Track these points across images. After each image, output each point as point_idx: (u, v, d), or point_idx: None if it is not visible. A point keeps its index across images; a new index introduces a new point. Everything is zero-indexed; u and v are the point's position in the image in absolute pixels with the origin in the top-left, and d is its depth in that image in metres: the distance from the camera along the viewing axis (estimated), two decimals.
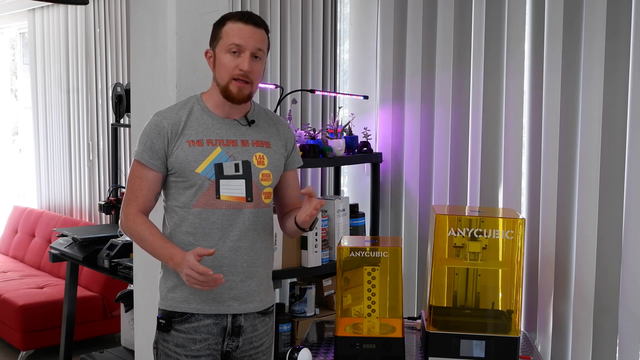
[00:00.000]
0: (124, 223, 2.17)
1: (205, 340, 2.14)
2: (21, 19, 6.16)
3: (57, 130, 5.75)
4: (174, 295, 2.15)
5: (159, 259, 2.14)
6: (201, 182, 2.10)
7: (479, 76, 3.09)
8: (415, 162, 3.40)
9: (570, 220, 2.78)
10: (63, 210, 5.76)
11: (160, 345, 2.18)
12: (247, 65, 2.06)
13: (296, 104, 3.61)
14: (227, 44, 2.08)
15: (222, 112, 2.16)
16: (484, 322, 2.53)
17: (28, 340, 4.41)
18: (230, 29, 2.08)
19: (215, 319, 2.15)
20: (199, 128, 2.13)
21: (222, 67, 2.09)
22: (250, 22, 2.09)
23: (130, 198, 2.15)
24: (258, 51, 2.09)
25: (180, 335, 2.14)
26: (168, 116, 2.14)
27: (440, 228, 2.51)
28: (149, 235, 2.10)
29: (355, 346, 2.44)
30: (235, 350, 2.19)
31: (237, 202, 2.12)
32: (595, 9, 2.64)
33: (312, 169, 3.76)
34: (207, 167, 2.10)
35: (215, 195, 2.10)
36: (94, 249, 3.67)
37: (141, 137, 2.14)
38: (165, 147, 2.10)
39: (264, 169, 2.16)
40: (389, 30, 3.50)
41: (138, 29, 2.72)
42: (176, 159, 2.10)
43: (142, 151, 2.12)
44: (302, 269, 3.10)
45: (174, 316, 2.15)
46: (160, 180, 2.14)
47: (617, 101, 2.62)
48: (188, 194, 2.11)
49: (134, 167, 2.15)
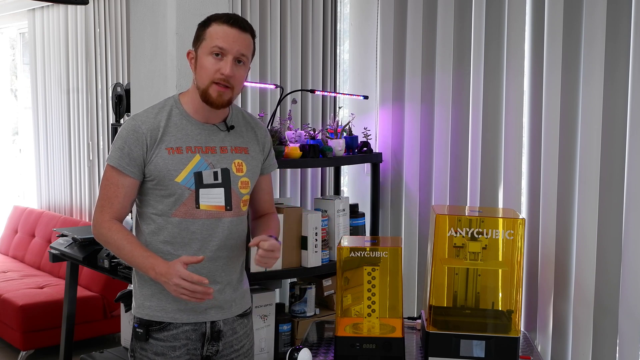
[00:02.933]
0: (97, 230, 2.07)
1: (184, 346, 2.10)
2: (21, 19, 6.16)
3: (57, 130, 5.75)
4: (150, 304, 2.10)
5: (137, 268, 2.08)
6: (181, 191, 2.04)
7: (479, 76, 3.09)
8: (415, 162, 3.40)
9: (570, 220, 2.78)
10: (63, 210, 5.76)
11: (138, 354, 2.12)
12: (229, 70, 1.99)
13: (296, 104, 3.61)
14: (210, 46, 2.00)
15: (201, 117, 2.09)
16: (484, 322, 2.53)
17: (28, 340, 4.41)
18: (215, 31, 2.00)
19: (193, 325, 2.11)
20: (178, 134, 2.05)
21: (203, 69, 2.02)
22: (235, 26, 2.01)
23: (105, 205, 2.06)
24: (242, 56, 2.02)
25: (159, 343, 2.09)
26: (146, 121, 2.05)
27: (440, 228, 2.51)
28: (127, 244, 2.03)
29: (355, 346, 2.45)
30: (216, 354, 2.16)
31: (216, 211, 2.08)
32: (595, 9, 2.64)
33: (312, 169, 3.76)
34: (187, 176, 2.04)
35: (195, 204, 2.05)
36: (94, 249, 3.67)
37: (116, 141, 2.05)
38: (143, 154, 2.02)
39: (243, 176, 2.12)
40: (389, 30, 3.50)
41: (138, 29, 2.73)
42: (155, 167, 2.03)
43: (119, 157, 2.03)
44: (302, 269, 3.10)
45: (152, 325, 2.10)
46: (137, 186, 2.07)
47: (617, 101, 2.62)
48: (167, 203, 2.05)
49: (108, 173, 2.06)
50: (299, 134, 3.21)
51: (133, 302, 2.16)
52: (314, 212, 3.12)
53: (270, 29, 3.66)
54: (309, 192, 3.80)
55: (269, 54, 3.66)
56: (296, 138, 3.18)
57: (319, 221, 3.09)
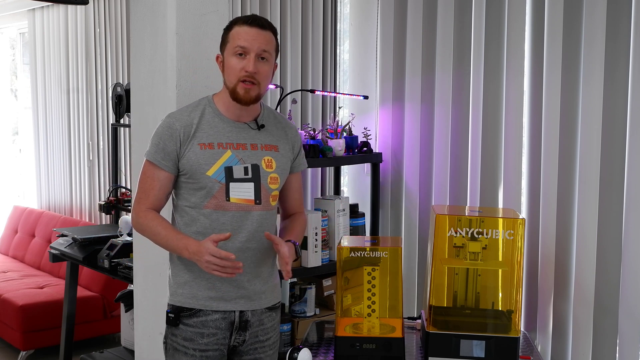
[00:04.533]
0: (135, 220, 2.21)
1: (213, 335, 2.17)
2: (21, 19, 6.16)
3: (57, 130, 5.75)
4: (182, 291, 2.19)
5: (173, 251, 2.18)
6: (212, 184, 2.13)
7: (479, 76, 3.09)
8: (415, 162, 3.40)
9: (570, 220, 2.78)
10: (63, 210, 5.76)
11: (169, 339, 2.21)
12: (252, 67, 2.10)
13: (296, 104, 3.61)
14: (233, 47, 2.12)
15: (233, 115, 2.19)
16: (484, 322, 2.53)
17: (28, 340, 4.41)
18: (237, 33, 2.13)
19: (223, 314, 2.18)
20: (210, 131, 2.16)
21: (229, 69, 2.14)
22: (255, 25, 2.12)
23: (142, 196, 2.19)
24: (264, 52, 2.12)
25: (189, 329, 2.17)
26: (180, 118, 2.17)
27: (440, 228, 2.52)
28: (162, 229, 2.15)
29: (355, 346, 2.45)
30: (242, 344, 2.22)
31: (246, 204, 2.16)
32: (595, 9, 2.64)
33: (312, 169, 3.76)
34: (218, 170, 2.14)
35: (225, 197, 2.14)
36: (94, 249, 3.67)
37: (153, 138, 2.18)
38: (177, 148, 2.14)
39: (272, 172, 2.20)
40: (389, 30, 3.50)
41: (138, 29, 2.72)
42: (187, 161, 2.14)
43: (155, 152, 2.16)
44: (302, 269, 3.10)
45: (183, 311, 2.18)
46: (172, 180, 2.18)
47: (617, 101, 2.62)
48: (199, 195, 2.15)
49: (145, 167, 2.19)
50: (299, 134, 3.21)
51: (168, 292, 2.24)
52: (314, 212, 3.12)
53: None
54: (309, 192, 3.80)
55: None
56: None
57: (319, 221, 3.09)
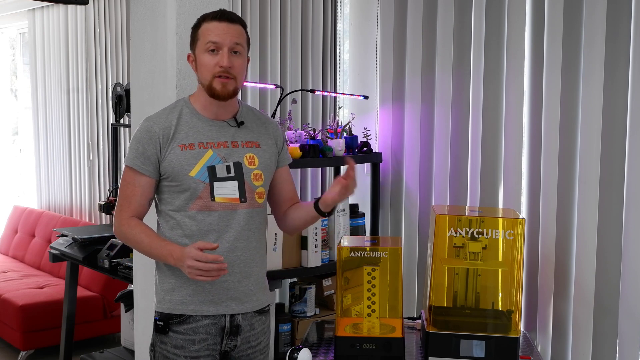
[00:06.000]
0: (117, 229, 2.16)
1: (204, 341, 2.14)
2: (21, 19, 6.16)
3: (57, 130, 5.75)
4: (171, 297, 2.16)
5: (157, 259, 2.15)
6: (195, 185, 2.11)
7: (479, 76, 3.09)
8: (415, 162, 3.40)
9: (570, 220, 2.78)
10: (63, 210, 5.76)
11: (157, 347, 2.17)
12: (226, 61, 2.07)
13: (296, 104, 3.61)
14: (205, 43, 2.09)
15: (211, 114, 2.17)
16: (484, 322, 2.53)
17: (28, 340, 4.41)
18: (207, 29, 2.10)
19: (213, 319, 2.15)
20: (189, 131, 2.13)
21: (203, 67, 2.11)
22: (224, 19, 2.10)
23: (123, 204, 2.15)
24: (236, 46, 2.10)
25: (179, 336, 2.14)
26: (158, 121, 2.14)
27: (440, 228, 2.51)
28: (145, 237, 2.11)
29: (355, 346, 2.45)
30: (234, 349, 2.20)
31: (231, 203, 2.14)
32: (595, 9, 2.64)
33: (312, 169, 3.76)
34: (200, 170, 2.11)
35: (210, 197, 2.12)
36: (94, 249, 3.67)
37: (132, 143, 2.14)
38: (157, 152, 2.11)
39: (255, 169, 2.18)
40: (389, 30, 3.50)
41: (138, 29, 2.73)
42: (169, 163, 2.11)
43: (134, 157, 2.12)
44: (302, 269, 3.10)
45: (172, 318, 2.15)
46: (153, 185, 2.15)
47: (617, 101, 2.62)
48: (183, 198, 2.12)
49: (125, 173, 2.15)
50: (299, 134, 3.21)
51: (155, 299, 2.21)
52: None
53: (270, 29, 3.66)
54: (309, 192, 3.80)
55: (269, 54, 3.66)
56: (296, 138, 3.19)
57: (319, 221, 3.09)
